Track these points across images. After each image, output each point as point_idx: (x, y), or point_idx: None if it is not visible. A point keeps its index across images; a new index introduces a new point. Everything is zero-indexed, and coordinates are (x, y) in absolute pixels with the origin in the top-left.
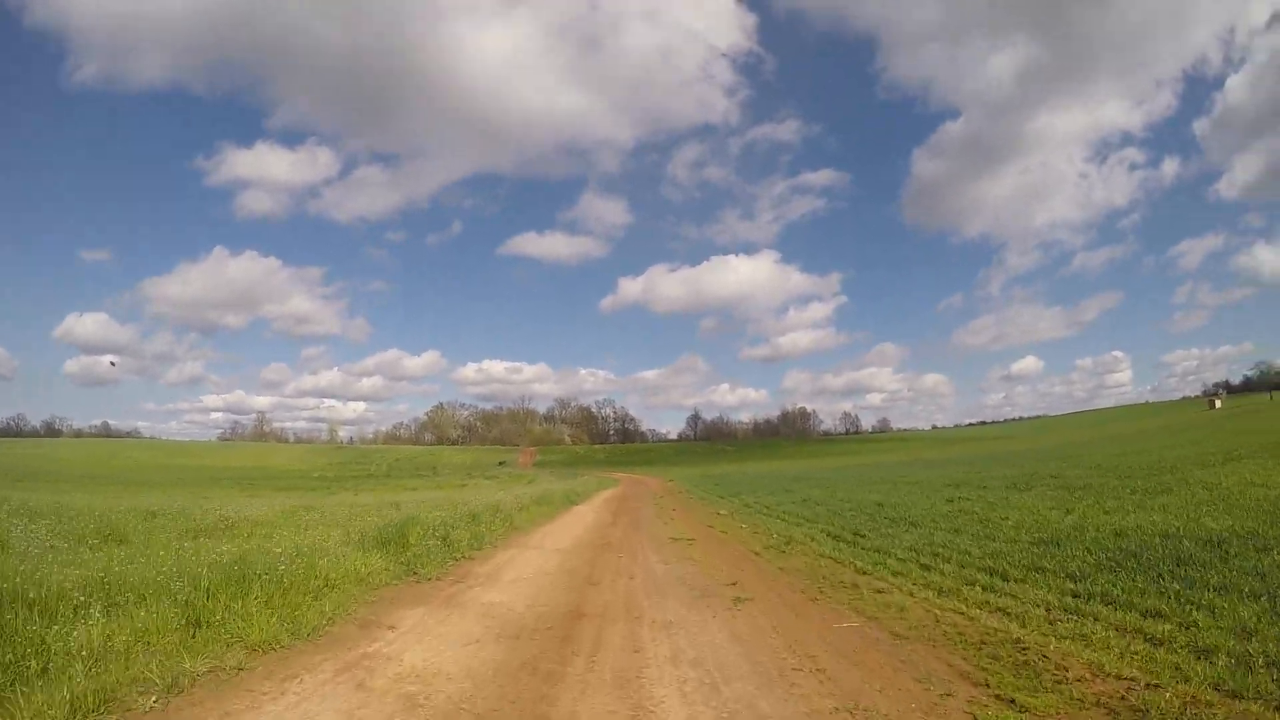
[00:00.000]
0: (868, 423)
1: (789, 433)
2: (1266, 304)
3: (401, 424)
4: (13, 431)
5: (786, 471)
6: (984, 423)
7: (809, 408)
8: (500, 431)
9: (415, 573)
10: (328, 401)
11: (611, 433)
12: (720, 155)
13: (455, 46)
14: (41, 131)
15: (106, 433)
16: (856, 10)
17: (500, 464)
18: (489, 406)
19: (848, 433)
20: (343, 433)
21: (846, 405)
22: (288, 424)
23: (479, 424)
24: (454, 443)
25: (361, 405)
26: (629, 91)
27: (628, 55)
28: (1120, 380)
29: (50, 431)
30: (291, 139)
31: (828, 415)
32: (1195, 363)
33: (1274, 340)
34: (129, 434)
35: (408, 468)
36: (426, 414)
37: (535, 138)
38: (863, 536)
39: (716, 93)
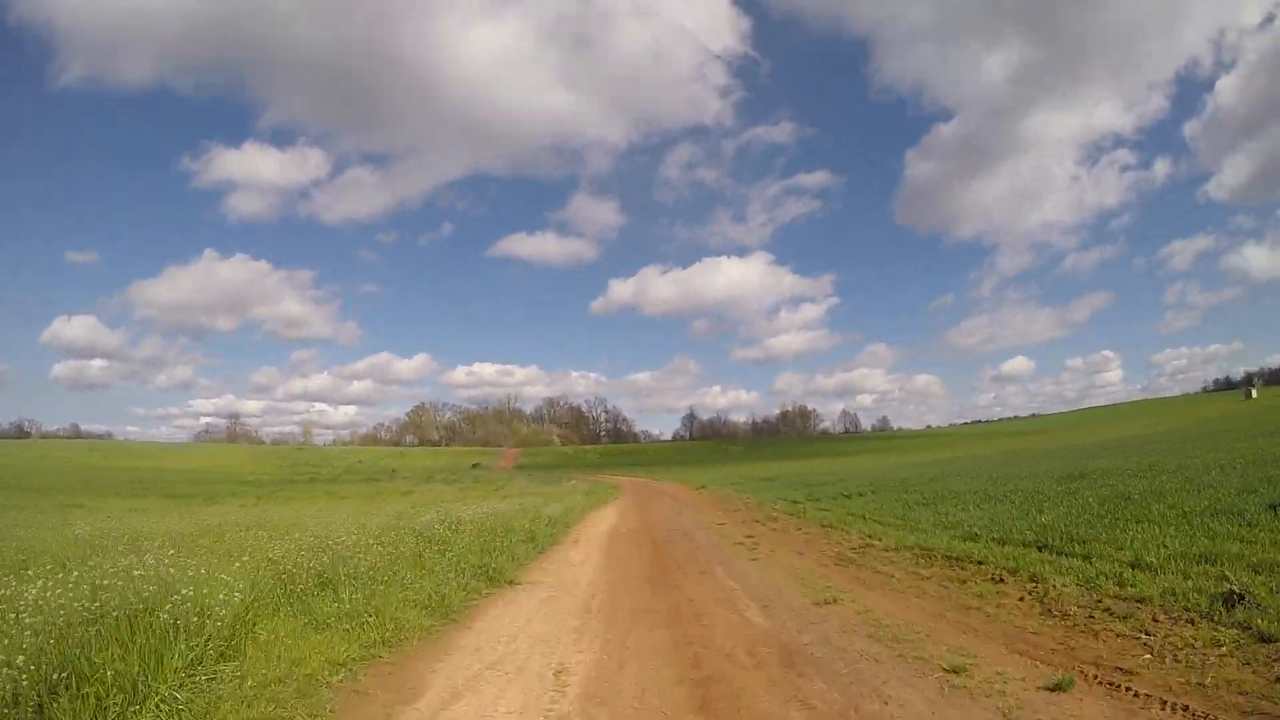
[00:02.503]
0: (865, 422)
1: (789, 432)
2: (1256, 303)
3: (383, 425)
4: None
5: (853, 471)
6: (978, 421)
7: (810, 406)
8: (485, 433)
9: None
10: (318, 405)
11: (603, 434)
12: (713, 156)
13: (444, 46)
14: (28, 132)
15: (76, 434)
16: (851, 12)
17: (474, 466)
18: (474, 408)
19: (846, 431)
20: (324, 436)
21: (838, 406)
22: (277, 428)
23: (463, 425)
24: (435, 444)
25: (352, 409)
26: (620, 91)
27: (619, 54)
28: (1110, 380)
29: (19, 433)
30: (281, 139)
31: (825, 415)
32: (1185, 361)
33: (1265, 339)
34: (99, 436)
35: (366, 471)
36: (407, 415)
37: (526, 138)
38: None
39: (710, 93)
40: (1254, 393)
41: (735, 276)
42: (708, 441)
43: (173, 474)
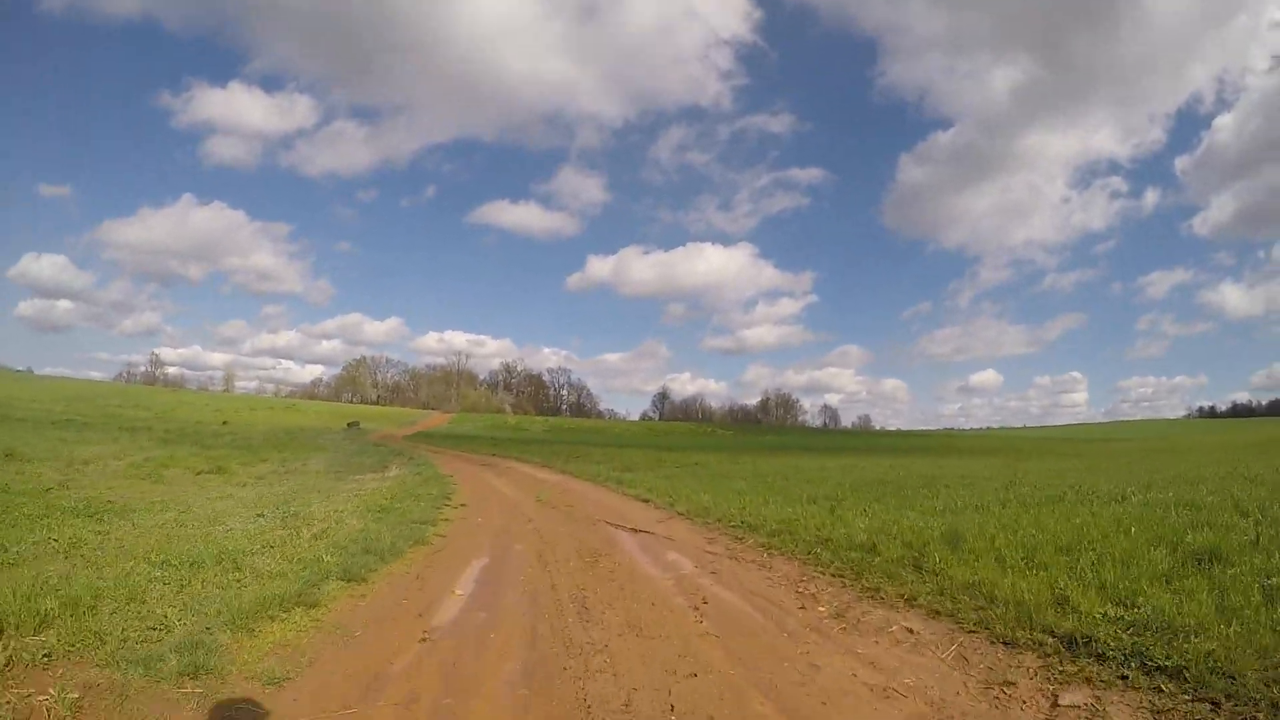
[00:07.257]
0: (844, 419)
1: (769, 421)
2: (1225, 340)
3: (321, 380)
4: None
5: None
6: (950, 430)
7: (794, 396)
8: (430, 394)
9: None
10: (284, 362)
11: (564, 407)
12: (706, 140)
13: (447, 2)
14: (3, 57)
15: None
16: (863, 13)
17: (350, 425)
18: (422, 368)
19: (825, 426)
20: (262, 388)
21: (805, 402)
22: (241, 384)
23: (408, 385)
24: (373, 403)
25: (319, 368)
26: (622, 66)
27: (626, 28)
28: (1076, 400)
29: None
30: (269, 84)
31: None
32: (1150, 389)
33: (1230, 376)
34: (21, 371)
35: (177, 423)
36: (344, 369)
37: (520, 105)
38: None
39: (711, 75)
40: None
41: (716, 264)
42: (684, 423)
43: None
